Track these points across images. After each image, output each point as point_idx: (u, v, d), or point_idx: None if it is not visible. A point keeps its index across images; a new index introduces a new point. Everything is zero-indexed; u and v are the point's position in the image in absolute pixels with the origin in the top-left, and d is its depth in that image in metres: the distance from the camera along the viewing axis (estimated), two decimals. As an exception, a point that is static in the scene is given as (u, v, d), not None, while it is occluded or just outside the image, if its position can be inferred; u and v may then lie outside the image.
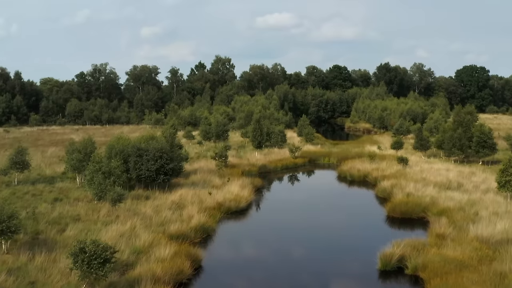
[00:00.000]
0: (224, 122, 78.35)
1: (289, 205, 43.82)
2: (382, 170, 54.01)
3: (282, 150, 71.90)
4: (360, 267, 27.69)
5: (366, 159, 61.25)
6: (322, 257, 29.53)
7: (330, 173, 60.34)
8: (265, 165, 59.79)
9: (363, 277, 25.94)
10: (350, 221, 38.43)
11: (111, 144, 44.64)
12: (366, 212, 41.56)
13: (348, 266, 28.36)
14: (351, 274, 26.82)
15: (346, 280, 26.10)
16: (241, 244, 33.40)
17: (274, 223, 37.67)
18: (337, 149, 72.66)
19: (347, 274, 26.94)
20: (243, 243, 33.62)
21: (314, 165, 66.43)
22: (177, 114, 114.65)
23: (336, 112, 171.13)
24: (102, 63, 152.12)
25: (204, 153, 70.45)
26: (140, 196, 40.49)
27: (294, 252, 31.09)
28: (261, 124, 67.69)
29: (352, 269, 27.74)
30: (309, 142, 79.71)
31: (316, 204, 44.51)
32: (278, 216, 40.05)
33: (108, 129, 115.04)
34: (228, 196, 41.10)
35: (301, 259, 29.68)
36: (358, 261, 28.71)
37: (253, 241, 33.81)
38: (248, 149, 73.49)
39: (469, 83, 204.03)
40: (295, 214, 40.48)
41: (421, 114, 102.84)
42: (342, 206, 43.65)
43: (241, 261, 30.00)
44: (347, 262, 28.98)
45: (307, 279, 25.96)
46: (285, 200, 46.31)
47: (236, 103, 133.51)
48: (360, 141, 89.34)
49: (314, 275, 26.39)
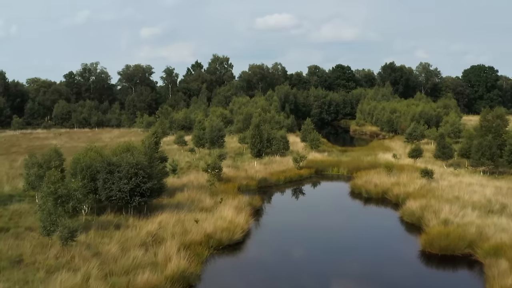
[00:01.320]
0: (219, 126, 70.02)
1: (295, 235, 35.42)
2: (404, 185, 45.70)
3: (285, 159, 63.60)
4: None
5: (382, 170, 53.03)
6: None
7: (342, 187, 52.01)
8: (265, 178, 51.43)
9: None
10: (376, 259, 29.93)
11: (76, 157, 36.31)
12: (394, 244, 33.23)
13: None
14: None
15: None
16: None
17: (278, 263, 29.24)
18: (347, 158, 64.31)
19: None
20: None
21: (321, 177, 58.09)
22: (170, 116, 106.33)
23: (340, 114, 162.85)
24: (93, 62, 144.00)
25: (196, 162, 62.13)
26: (110, 223, 32.19)
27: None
28: (261, 130, 59.44)
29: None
30: (314, 149, 71.39)
31: (329, 232, 36.05)
32: (282, 251, 31.59)
33: (96, 133, 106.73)
34: (220, 224, 32.77)
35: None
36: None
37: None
38: (246, 157, 65.23)
39: (477, 83, 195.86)
40: (304, 248, 32.08)
41: (435, 117, 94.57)
42: (363, 237, 35.09)
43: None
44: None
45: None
46: (290, 227, 37.82)
47: (234, 105, 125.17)
48: (371, 148, 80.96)
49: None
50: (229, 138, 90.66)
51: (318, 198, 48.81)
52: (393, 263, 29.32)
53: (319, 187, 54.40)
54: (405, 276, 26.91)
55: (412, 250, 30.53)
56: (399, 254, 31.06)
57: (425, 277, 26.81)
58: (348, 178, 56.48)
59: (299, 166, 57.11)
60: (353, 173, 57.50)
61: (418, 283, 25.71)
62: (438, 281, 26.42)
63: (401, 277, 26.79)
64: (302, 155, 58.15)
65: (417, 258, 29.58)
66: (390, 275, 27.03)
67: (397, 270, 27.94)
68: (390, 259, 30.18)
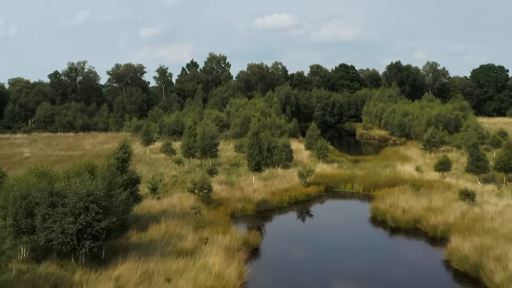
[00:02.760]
0: (212, 133, 60.51)
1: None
2: (440, 211, 36.24)
3: (289, 172, 54.19)
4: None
5: (407, 188, 43.67)
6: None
7: (360, 211, 42.46)
8: (265, 200, 41.79)
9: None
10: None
11: (9, 184, 26.75)
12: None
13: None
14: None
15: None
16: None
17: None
18: (362, 171, 54.78)
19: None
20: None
21: (333, 195, 48.57)
22: (160, 120, 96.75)
23: (344, 116, 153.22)
24: (80, 61, 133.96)
25: (184, 176, 52.66)
26: (47, 279, 22.74)
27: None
28: (260, 139, 49.88)
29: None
30: (322, 159, 61.90)
31: (352, 286, 26.48)
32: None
33: (80, 138, 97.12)
34: (202, 281, 23.26)
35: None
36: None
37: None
38: (243, 169, 55.80)
39: (487, 83, 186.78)
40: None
41: (453, 121, 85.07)
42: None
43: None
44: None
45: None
46: (300, 277, 28.13)
47: (232, 107, 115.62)
48: (385, 156, 71.42)
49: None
50: (224, 145, 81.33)
51: (333, 227, 38.81)
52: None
53: (331, 210, 44.66)
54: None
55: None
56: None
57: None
58: (365, 197, 47.05)
59: (305, 182, 47.64)
60: (370, 190, 48.14)
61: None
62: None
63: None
64: (309, 168, 48.57)
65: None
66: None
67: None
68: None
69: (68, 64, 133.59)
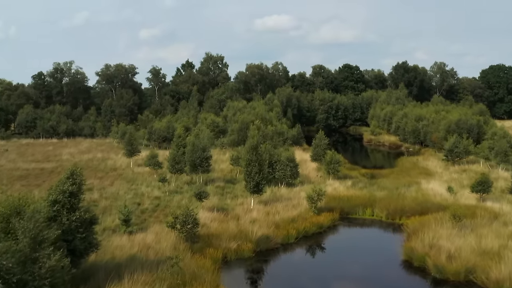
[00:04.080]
0: (204, 144, 51.52)
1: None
2: (497, 255, 27.31)
3: (294, 192, 45.35)
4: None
5: (443, 215, 34.91)
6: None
7: (387, 250, 33.50)
8: (267, 237, 32.62)
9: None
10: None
11: None
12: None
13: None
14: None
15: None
16: None
17: None
18: (382, 191, 45.79)
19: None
20: None
21: (349, 224, 39.53)
22: (149, 126, 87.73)
23: (349, 119, 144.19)
24: (66, 62, 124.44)
25: (168, 198, 43.71)
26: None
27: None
28: (260, 154, 40.84)
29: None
30: (332, 173, 52.91)
31: None
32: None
33: (61, 146, 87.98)
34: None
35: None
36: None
37: None
38: (240, 187, 46.91)
39: (497, 85, 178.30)
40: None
41: (476, 127, 76.10)
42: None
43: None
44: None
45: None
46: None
47: (229, 111, 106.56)
48: (404, 169, 62.38)
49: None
50: (220, 154, 72.45)
51: (356, 277, 29.57)
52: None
53: (351, 249, 35.24)
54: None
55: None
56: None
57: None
58: (389, 227, 38.21)
59: (315, 207, 38.65)
60: (395, 217, 39.33)
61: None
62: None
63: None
64: (319, 190, 39.49)
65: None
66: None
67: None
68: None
69: (54, 64, 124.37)
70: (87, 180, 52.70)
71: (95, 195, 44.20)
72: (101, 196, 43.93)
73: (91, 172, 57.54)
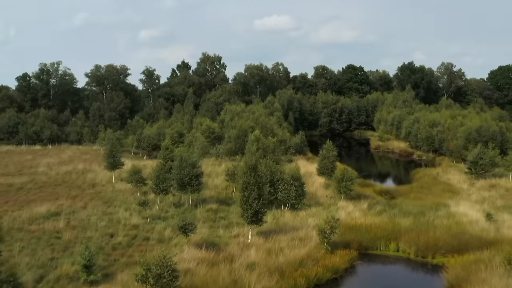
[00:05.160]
0: (193, 160, 43.91)
1: None
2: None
3: (300, 218, 37.91)
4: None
5: (491, 256, 27.47)
6: None
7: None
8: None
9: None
10: None
11: None
12: None
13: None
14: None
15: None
16: None
17: None
18: (405, 217, 38.20)
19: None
20: None
21: (370, 264, 31.93)
22: (138, 133, 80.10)
23: (353, 123, 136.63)
24: (53, 62, 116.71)
25: (148, 226, 36.13)
26: None
27: None
28: (260, 176, 33.20)
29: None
30: (344, 193, 45.26)
31: None
32: None
33: (41, 154, 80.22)
34: None
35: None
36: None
37: None
38: (236, 211, 39.23)
39: (506, 86, 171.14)
40: None
41: (499, 134, 68.59)
42: None
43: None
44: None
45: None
46: None
47: (226, 115, 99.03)
48: (424, 184, 54.77)
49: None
50: (215, 165, 64.90)
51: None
52: None
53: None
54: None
55: None
56: None
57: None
58: (422, 269, 30.65)
59: (328, 244, 31.05)
60: (427, 255, 31.77)
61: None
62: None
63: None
64: (332, 220, 31.80)
65: None
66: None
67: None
68: None
69: (40, 65, 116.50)
70: (58, 200, 45.70)
71: (61, 223, 36.65)
72: (68, 225, 36.39)
73: (64, 189, 49.95)
